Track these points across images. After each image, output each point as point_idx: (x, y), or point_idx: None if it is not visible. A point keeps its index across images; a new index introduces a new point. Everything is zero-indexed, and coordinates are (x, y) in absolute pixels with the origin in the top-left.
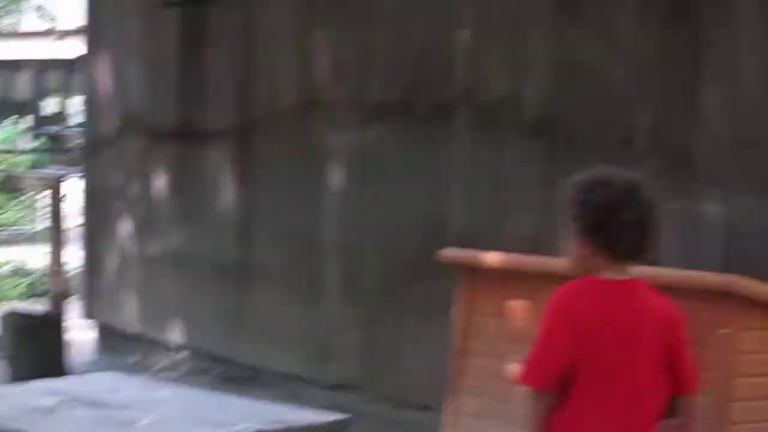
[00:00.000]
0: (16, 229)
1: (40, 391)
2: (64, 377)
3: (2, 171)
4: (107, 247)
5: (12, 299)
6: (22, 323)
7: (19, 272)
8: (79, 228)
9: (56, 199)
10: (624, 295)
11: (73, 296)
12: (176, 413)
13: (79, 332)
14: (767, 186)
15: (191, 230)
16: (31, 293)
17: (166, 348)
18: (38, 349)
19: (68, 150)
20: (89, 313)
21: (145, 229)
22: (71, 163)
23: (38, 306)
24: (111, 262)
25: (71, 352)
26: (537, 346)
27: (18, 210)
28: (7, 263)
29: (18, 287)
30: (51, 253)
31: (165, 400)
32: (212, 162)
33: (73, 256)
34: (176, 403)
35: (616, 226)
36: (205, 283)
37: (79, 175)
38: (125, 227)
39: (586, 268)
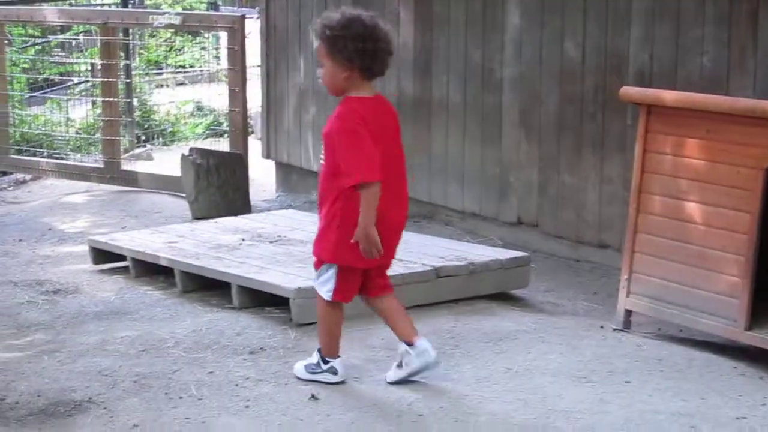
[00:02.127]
0: (196, 69)
1: (224, 228)
2: (246, 215)
3: (181, 12)
4: (286, 86)
5: (192, 139)
6: (204, 162)
7: (199, 112)
8: (258, 67)
9: (237, 39)
10: (381, 104)
11: (254, 135)
12: None
13: (260, 171)
14: None
15: None
16: (212, 132)
17: None
18: (220, 187)
19: None
20: (268, 152)
21: None
22: (249, 3)
23: (219, 145)
24: (290, 101)
25: (252, 191)
26: (354, 150)
27: (198, 50)
28: (187, 103)
29: (198, 127)
30: (231, 92)
31: None
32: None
33: (253, 96)
34: None
35: (372, 52)
36: None
37: (257, 14)
38: (304, 66)
39: (343, 89)
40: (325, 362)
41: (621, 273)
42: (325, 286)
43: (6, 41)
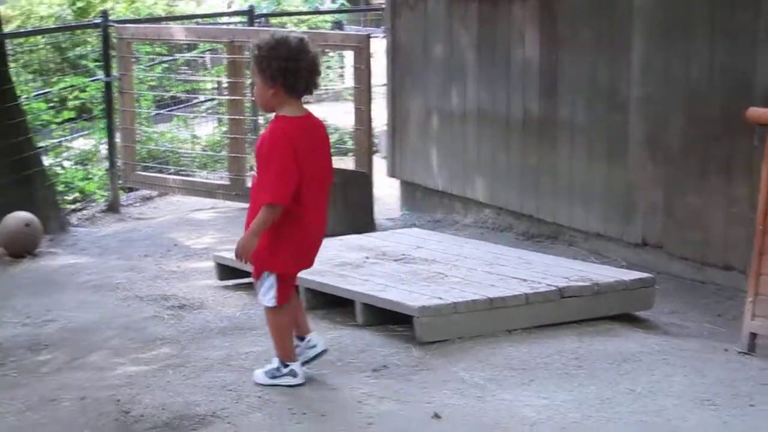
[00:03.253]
0: (321, 88)
1: (349, 246)
2: (371, 233)
3: (307, 31)
4: (411, 105)
5: None
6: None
7: None
8: (383, 86)
9: (363, 58)
10: (309, 122)
11: (378, 154)
12: (480, 269)
13: (385, 189)
14: None
15: (495, 87)
16: (337, 151)
17: (469, 205)
18: (346, 205)
19: (370, 9)
20: (393, 171)
21: (448, 86)
22: (374, 22)
23: (344, 163)
24: (415, 120)
25: (377, 209)
26: (275, 171)
27: (323, 69)
28: None
29: None
30: (356, 111)
31: (469, 255)
32: (517, 19)
33: (378, 114)
34: (480, 259)
35: (295, 72)
36: (509, 141)
37: (382, 34)
38: (429, 85)
39: (271, 105)
40: (285, 366)
41: (746, 295)
42: (268, 294)
43: (134, 59)
